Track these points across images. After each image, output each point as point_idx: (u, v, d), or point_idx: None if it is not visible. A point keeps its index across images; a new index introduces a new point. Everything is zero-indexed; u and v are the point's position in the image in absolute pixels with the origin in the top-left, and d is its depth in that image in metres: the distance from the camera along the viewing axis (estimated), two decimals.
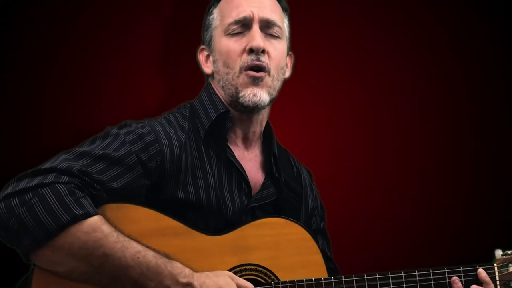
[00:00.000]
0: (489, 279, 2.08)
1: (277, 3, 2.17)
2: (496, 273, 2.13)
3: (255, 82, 2.05)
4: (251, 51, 2.04)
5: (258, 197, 2.11)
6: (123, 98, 2.80)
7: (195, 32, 2.37)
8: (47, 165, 1.80)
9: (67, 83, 2.74)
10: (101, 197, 1.81)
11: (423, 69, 3.16)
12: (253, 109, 2.07)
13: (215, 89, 2.13)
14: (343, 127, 3.09)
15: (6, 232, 1.73)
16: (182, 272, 1.80)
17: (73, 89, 2.75)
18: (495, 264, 2.13)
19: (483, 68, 3.18)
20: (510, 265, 2.15)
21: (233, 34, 2.08)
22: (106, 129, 1.96)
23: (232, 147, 2.11)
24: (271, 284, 1.95)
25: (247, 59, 2.05)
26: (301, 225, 2.04)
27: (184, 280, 1.79)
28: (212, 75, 2.15)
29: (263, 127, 2.19)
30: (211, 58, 2.14)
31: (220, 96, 2.11)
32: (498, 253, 2.17)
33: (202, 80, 2.26)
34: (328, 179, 3.02)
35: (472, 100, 3.18)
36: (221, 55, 2.08)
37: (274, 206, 2.14)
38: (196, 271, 1.83)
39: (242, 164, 2.10)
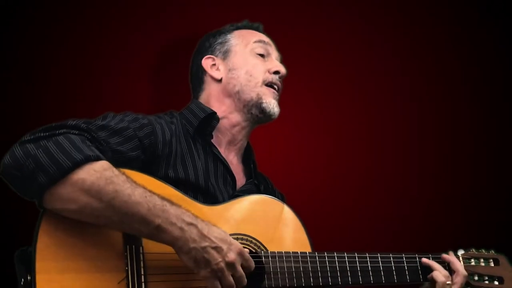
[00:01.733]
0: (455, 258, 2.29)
1: None
2: (462, 263, 2.30)
3: (275, 97, 2.35)
4: (277, 72, 2.36)
5: (241, 189, 2.28)
6: (123, 98, 2.80)
7: (192, 34, 2.39)
8: (57, 123, 1.92)
9: (67, 83, 2.74)
10: (106, 153, 1.93)
11: (423, 69, 3.16)
12: (268, 117, 2.33)
13: (211, 99, 2.35)
14: (343, 127, 3.10)
15: (22, 172, 1.82)
16: (187, 212, 1.90)
17: (73, 89, 2.75)
18: (459, 254, 2.33)
19: (483, 68, 3.18)
20: (472, 260, 2.33)
21: (258, 56, 2.37)
22: (104, 114, 2.09)
23: (217, 146, 2.29)
24: (260, 253, 2.05)
25: (272, 77, 2.35)
26: (285, 204, 2.20)
27: (188, 219, 1.88)
28: (218, 81, 2.36)
29: (246, 145, 2.40)
30: (221, 66, 2.37)
31: (215, 104, 2.33)
32: (460, 251, 2.36)
33: None
34: (328, 179, 3.02)
35: (472, 100, 3.19)
36: (246, 65, 2.35)
37: None
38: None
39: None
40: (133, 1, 2.85)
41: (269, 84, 2.34)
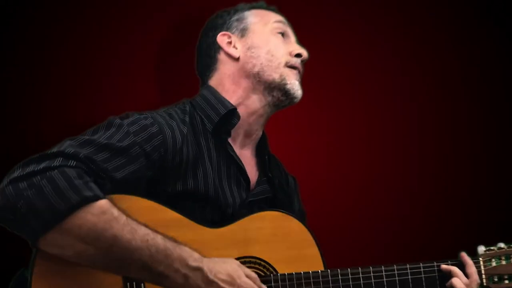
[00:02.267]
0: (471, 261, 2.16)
1: None
2: (482, 267, 2.19)
3: (298, 79, 2.21)
4: (299, 55, 2.21)
5: (255, 191, 2.15)
6: (123, 98, 2.80)
7: (194, 31, 2.37)
8: (53, 149, 1.79)
9: (67, 83, 2.74)
10: (105, 186, 1.81)
11: (423, 69, 3.16)
12: (291, 100, 2.20)
13: (217, 89, 2.18)
14: (342, 127, 3.09)
15: (14, 215, 1.70)
16: (192, 256, 1.79)
17: (73, 88, 2.75)
18: (480, 259, 2.20)
19: (483, 68, 3.18)
20: (493, 260, 2.21)
21: (279, 35, 2.22)
22: (108, 119, 1.95)
23: (231, 143, 2.14)
24: (270, 276, 1.95)
25: (294, 60, 2.20)
26: (297, 219, 2.08)
27: (193, 264, 1.78)
28: (235, 59, 2.19)
29: (261, 134, 2.25)
30: (238, 44, 2.20)
31: (232, 86, 2.17)
32: (481, 249, 2.24)
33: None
34: (327, 179, 3.02)
35: (472, 100, 3.18)
36: (268, 44, 2.18)
37: (269, 203, 2.17)
38: (204, 257, 1.84)
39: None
40: (133, 1, 2.85)
41: (292, 66, 2.19)
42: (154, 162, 1.91)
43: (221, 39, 2.21)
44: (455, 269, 2.12)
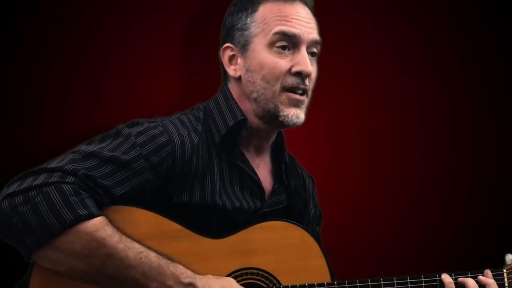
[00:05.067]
0: (492, 280, 2.02)
1: (311, 13, 2.07)
2: (506, 279, 2.07)
3: (297, 104, 1.98)
4: (299, 74, 1.96)
5: (270, 201, 2.07)
6: (123, 98, 2.80)
7: (197, 32, 2.37)
8: (53, 164, 1.78)
9: (67, 83, 2.74)
10: (103, 202, 1.80)
11: (423, 69, 3.16)
12: (290, 127, 2.01)
13: (233, 94, 2.04)
14: (342, 127, 3.10)
15: (9, 230, 1.72)
16: (185, 272, 1.79)
17: (73, 89, 2.75)
18: (504, 270, 2.08)
19: (483, 68, 3.18)
20: None
21: (280, 49, 1.97)
22: (117, 128, 1.91)
23: (244, 152, 2.05)
24: None
25: (292, 80, 1.96)
26: (304, 229, 2.00)
27: (186, 280, 1.78)
28: (237, 79, 2.02)
29: (275, 137, 2.14)
30: (240, 62, 2.01)
31: (237, 102, 2.02)
32: (509, 257, 2.10)
33: (203, 80, 2.25)
34: (327, 179, 3.02)
35: (472, 100, 3.18)
36: (262, 68, 1.97)
37: (284, 212, 2.11)
38: (198, 274, 1.83)
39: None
40: (133, 1, 2.85)
41: (290, 89, 1.96)
42: (161, 173, 1.87)
43: (223, 53, 2.04)
44: (469, 281, 2.00)
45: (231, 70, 2.02)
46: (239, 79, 2.01)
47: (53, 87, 2.74)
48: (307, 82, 1.98)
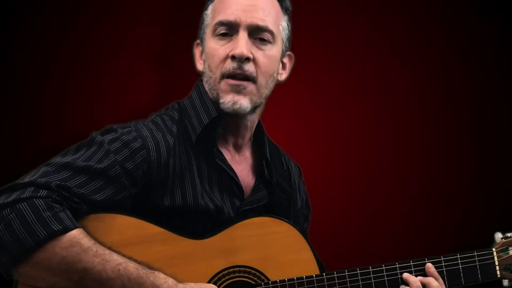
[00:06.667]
0: (437, 274, 2.02)
1: (277, 3, 2.06)
2: (495, 258, 2.06)
3: (236, 89, 1.95)
4: (234, 58, 1.94)
5: (250, 200, 2.06)
6: (123, 98, 2.80)
7: (192, 30, 2.36)
8: (25, 179, 1.76)
9: (67, 83, 2.74)
10: (81, 209, 1.78)
11: (423, 68, 3.16)
12: (234, 115, 1.98)
13: (206, 89, 2.04)
14: (342, 127, 3.10)
15: None
16: (165, 282, 1.78)
17: (73, 89, 2.75)
18: (493, 249, 2.06)
19: (483, 68, 3.18)
20: (510, 248, 2.07)
21: (220, 36, 1.98)
22: (91, 136, 1.90)
23: (222, 151, 2.04)
24: (261, 285, 1.90)
25: (230, 66, 1.95)
26: (288, 223, 1.98)
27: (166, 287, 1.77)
28: (204, 72, 2.05)
29: (253, 130, 2.12)
30: (203, 55, 2.05)
31: (210, 97, 2.03)
32: (498, 236, 2.10)
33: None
34: (327, 179, 3.02)
35: (472, 100, 3.18)
36: (207, 58, 2.00)
37: (266, 208, 2.10)
38: (180, 282, 1.81)
39: (233, 167, 2.04)
40: (133, 1, 2.85)
41: (228, 76, 1.96)
42: (137, 179, 1.85)
43: (196, 49, 2.09)
44: (410, 277, 1.99)
45: (199, 65, 2.06)
46: (204, 73, 2.04)
47: (53, 87, 2.74)
48: (246, 67, 1.95)
